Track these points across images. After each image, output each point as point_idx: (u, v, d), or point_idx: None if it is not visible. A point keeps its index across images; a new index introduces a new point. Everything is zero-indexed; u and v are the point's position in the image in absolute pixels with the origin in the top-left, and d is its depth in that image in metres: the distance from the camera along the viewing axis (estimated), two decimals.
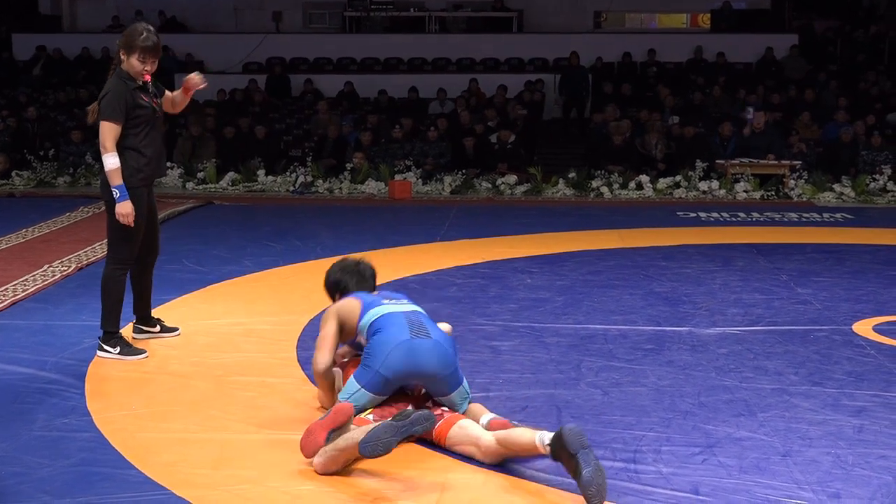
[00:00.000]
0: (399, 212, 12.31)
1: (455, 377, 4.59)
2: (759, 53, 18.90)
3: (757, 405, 5.04)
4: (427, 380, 4.56)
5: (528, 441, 4.08)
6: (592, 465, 3.79)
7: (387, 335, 4.57)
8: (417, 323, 4.64)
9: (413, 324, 4.63)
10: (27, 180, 14.80)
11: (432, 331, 4.63)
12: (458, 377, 4.61)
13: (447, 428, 4.42)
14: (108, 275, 5.91)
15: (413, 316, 4.70)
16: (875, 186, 13.80)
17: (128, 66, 5.76)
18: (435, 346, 4.55)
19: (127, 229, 5.82)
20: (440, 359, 4.53)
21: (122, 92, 5.73)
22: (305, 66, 19.91)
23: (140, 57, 5.73)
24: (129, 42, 5.74)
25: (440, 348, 4.56)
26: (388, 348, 4.51)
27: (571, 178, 14.31)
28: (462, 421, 4.46)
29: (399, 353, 4.50)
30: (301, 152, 15.63)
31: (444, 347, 4.58)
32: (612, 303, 7.31)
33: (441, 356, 4.54)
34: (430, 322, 4.72)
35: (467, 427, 4.40)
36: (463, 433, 4.37)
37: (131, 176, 5.78)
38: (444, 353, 4.55)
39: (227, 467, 4.24)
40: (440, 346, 4.56)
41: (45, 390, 5.26)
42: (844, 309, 7.11)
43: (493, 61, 19.86)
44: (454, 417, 4.49)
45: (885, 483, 4.07)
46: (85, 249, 9.20)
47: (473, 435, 4.34)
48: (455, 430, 4.40)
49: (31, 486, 4.03)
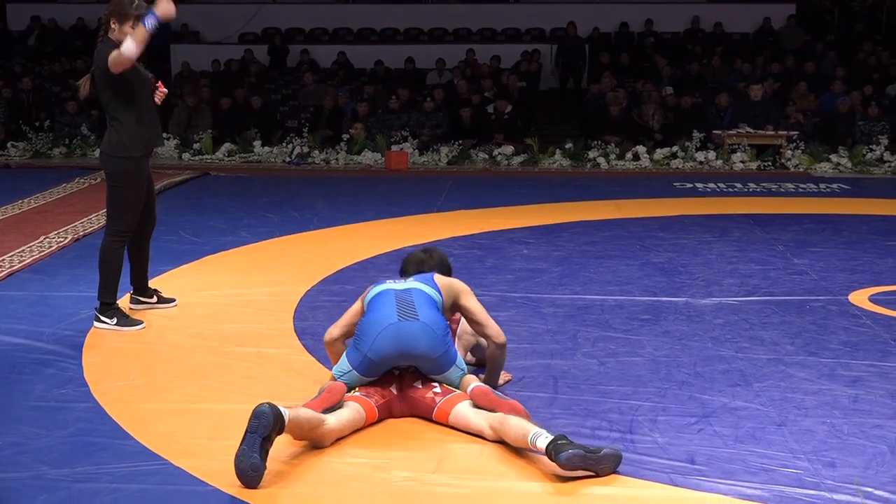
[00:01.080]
0: (395, 183, 12.29)
1: (447, 357, 4.48)
2: (757, 23, 18.83)
3: (753, 375, 5.05)
4: (417, 361, 4.49)
5: (519, 437, 4.02)
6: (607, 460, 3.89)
7: (375, 316, 4.50)
8: (407, 303, 4.52)
9: (402, 304, 4.52)
10: (23, 151, 14.77)
11: (421, 311, 4.49)
12: (451, 356, 4.50)
13: (446, 412, 4.39)
14: (107, 246, 5.90)
15: (405, 295, 4.57)
16: (872, 157, 13.80)
17: (119, 34, 5.68)
18: (422, 329, 4.44)
19: (126, 201, 5.79)
20: (428, 341, 4.43)
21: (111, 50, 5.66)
22: (301, 37, 19.82)
23: (132, 25, 5.64)
24: (121, 10, 5.68)
25: (427, 330, 4.44)
26: (376, 331, 4.44)
27: (568, 148, 14.29)
28: (459, 407, 4.36)
29: (386, 336, 4.43)
30: (297, 123, 15.59)
31: (432, 329, 4.45)
32: (609, 273, 7.32)
33: (429, 338, 4.43)
34: (422, 301, 4.55)
35: (467, 416, 4.33)
36: (464, 423, 4.33)
37: (128, 144, 5.77)
38: (431, 335, 4.44)
39: (224, 437, 4.24)
40: (427, 329, 4.44)
41: (42, 361, 5.27)
42: (840, 279, 7.12)
43: (490, 31, 19.76)
44: (449, 403, 4.40)
45: (879, 452, 4.08)
46: (81, 220, 9.20)
47: (477, 427, 4.27)
48: (453, 419, 4.36)
49: (28, 457, 4.04)
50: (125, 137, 5.76)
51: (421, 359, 4.46)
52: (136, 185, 5.85)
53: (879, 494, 3.70)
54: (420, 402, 4.46)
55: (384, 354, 4.44)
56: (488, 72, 16.99)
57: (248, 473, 3.75)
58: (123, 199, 5.82)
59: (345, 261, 7.61)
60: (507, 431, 4.09)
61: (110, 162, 5.82)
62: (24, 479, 3.83)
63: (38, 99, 16.64)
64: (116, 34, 5.70)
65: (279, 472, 3.91)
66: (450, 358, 4.50)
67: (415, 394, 4.48)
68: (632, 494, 3.73)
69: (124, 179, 5.82)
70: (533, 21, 19.68)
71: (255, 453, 3.76)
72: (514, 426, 4.07)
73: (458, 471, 3.92)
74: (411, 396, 4.48)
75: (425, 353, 4.43)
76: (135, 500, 3.67)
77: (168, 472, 3.92)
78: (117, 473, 3.88)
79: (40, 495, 3.69)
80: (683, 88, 15.91)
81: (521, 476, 3.89)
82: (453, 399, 4.41)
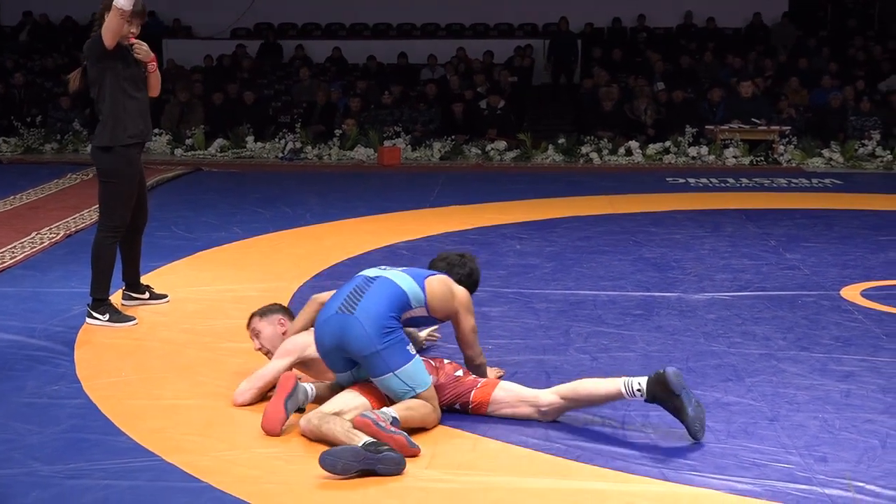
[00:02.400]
0: (388, 178, 12.29)
1: (380, 360, 4.17)
2: (749, 19, 18.84)
3: (745, 370, 5.06)
4: (354, 358, 4.26)
5: (608, 391, 4.24)
6: (693, 402, 4.13)
7: (326, 306, 4.40)
8: (357, 293, 4.30)
9: (353, 294, 4.30)
10: (14, 147, 14.75)
11: (363, 304, 4.23)
12: (386, 361, 4.18)
13: (488, 393, 4.39)
14: (100, 241, 5.89)
15: (365, 284, 4.35)
16: (864, 152, 13.81)
17: None
18: (353, 324, 4.19)
19: (117, 196, 5.78)
20: (357, 337, 4.18)
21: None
22: (294, 32, 19.79)
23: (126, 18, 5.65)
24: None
25: (356, 326, 4.18)
26: (319, 323, 4.36)
27: (561, 143, 14.29)
28: (504, 383, 4.44)
29: (325, 328, 4.29)
30: (290, 118, 15.58)
31: (362, 325, 4.17)
32: (602, 268, 7.32)
33: (357, 334, 4.17)
34: (378, 293, 4.28)
35: (515, 389, 4.40)
36: (512, 395, 4.37)
37: (122, 134, 5.75)
38: (359, 332, 4.17)
39: (217, 433, 4.24)
40: (356, 324, 4.18)
41: (34, 357, 5.26)
42: (832, 274, 7.13)
43: (483, 26, 19.75)
44: (490, 383, 4.44)
45: (871, 447, 4.09)
46: (73, 216, 9.18)
47: (528, 395, 4.36)
48: (500, 394, 4.38)
49: (20, 453, 4.03)
50: (115, 129, 5.74)
51: (355, 356, 4.25)
52: (128, 179, 5.83)
53: (871, 489, 3.71)
54: (459, 385, 4.44)
55: (326, 348, 4.33)
56: (481, 67, 16.98)
57: (335, 468, 3.78)
58: (115, 194, 5.81)
59: (337, 256, 7.60)
60: (589, 391, 4.29)
61: (100, 156, 5.81)
62: (17, 476, 3.82)
63: (29, 94, 16.60)
64: None
65: (273, 469, 3.91)
66: (384, 362, 4.18)
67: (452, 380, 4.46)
68: (624, 489, 3.74)
69: (115, 174, 5.81)
70: (526, 16, 19.66)
71: (357, 467, 3.78)
72: (593, 384, 4.31)
73: (451, 466, 3.92)
74: (449, 384, 4.45)
75: (355, 350, 4.21)
76: (127, 496, 3.67)
77: (160, 468, 3.91)
78: (109, 470, 3.87)
79: (32, 492, 3.68)
80: (675, 83, 15.92)
81: (514, 472, 3.89)
82: (489, 384, 4.43)
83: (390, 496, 3.69)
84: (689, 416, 4.11)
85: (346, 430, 3.99)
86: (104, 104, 5.78)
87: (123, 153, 5.78)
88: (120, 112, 5.76)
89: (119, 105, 5.76)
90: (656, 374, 4.17)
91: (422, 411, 4.22)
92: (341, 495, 3.70)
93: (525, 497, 3.69)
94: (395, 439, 3.93)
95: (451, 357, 4.77)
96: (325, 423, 4.07)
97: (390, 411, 4.09)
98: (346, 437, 3.95)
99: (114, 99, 5.76)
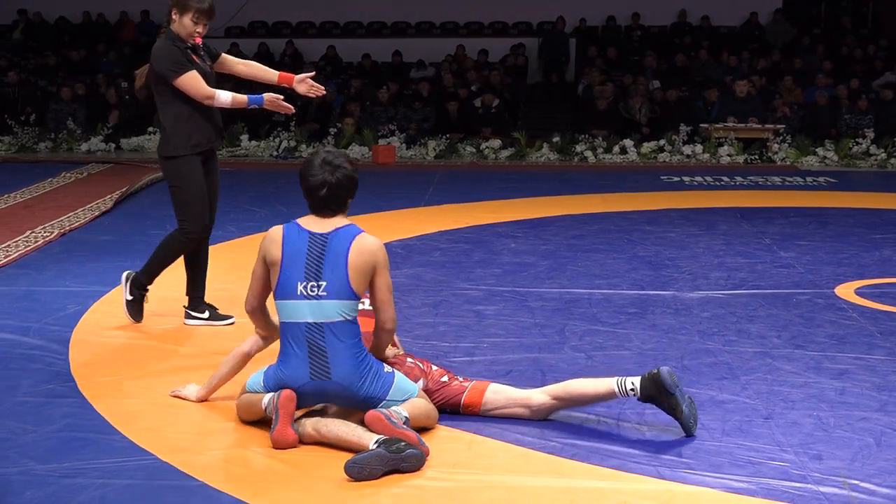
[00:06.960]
0: (383, 177, 12.28)
1: (366, 400, 4.14)
2: (744, 17, 18.86)
3: (740, 368, 5.06)
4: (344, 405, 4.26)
5: (600, 391, 4.26)
6: (686, 400, 4.19)
7: (288, 367, 4.16)
8: (320, 353, 4.12)
9: (315, 355, 4.12)
10: (8, 146, 14.73)
11: (334, 366, 4.10)
12: (374, 398, 4.14)
13: (479, 395, 4.38)
14: (174, 236, 5.80)
15: (317, 337, 4.13)
16: (858, 150, 13.84)
17: (179, 26, 5.55)
18: (335, 388, 4.13)
19: (183, 201, 5.68)
20: (345, 395, 4.15)
21: (174, 51, 5.54)
22: (288, 30, 19.78)
23: (194, 17, 5.53)
24: (183, 2, 5.55)
25: (340, 389, 4.12)
26: (293, 386, 4.13)
27: (556, 142, 14.30)
28: (494, 385, 4.43)
29: (304, 395, 4.16)
30: (284, 117, 15.55)
31: (343, 387, 4.12)
32: (596, 267, 7.33)
33: (345, 393, 4.14)
34: (335, 345, 4.12)
35: (506, 390, 4.40)
36: (503, 397, 4.37)
37: (183, 143, 5.63)
38: (345, 391, 4.13)
39: (212, 432, 4.24)
40: (337, 387, 4.12)
41: (28, 356, 5.25)
42: (827, 272, 7.14)
43: (477, 25, 19.75)
44: (481, 384, 4.43)
45: (866, 444, 4.10)
46: (67, 215, 9.16)
47: (520, 397, 4.36)
48: (491, 396, 4.38)
49: (15, 452, 4.02)
50: (175, 134, 5.64)
51: (343, 405, 4.24)
52: (191, 183, 5.67)
53: (865, 487, 3.71)
54: (447, 389, 4.43)
55: (306, 404, 4.26)
56: (474, 66, 16.98)
57: (362, 474, 3.75)
58: (181, 200, 5.71)
59: None
60: (580, 391, 4.30)
61: (163, 164, 5.75)
62: (11, 475, 3.81)
63: (23, 93, 16.57)
64: (177, 25, 5.57)
65: (268, 468, 3.91)
66: (373, 397, 4.15)
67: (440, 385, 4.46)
68: (619, 487, 3.74)
69: (177, 180, 5.70)
70: (520, 15, 19.66)
71: (382, 470, 3.77)
72: (584, 383, 4.33)
73: (447, 465, 3.92)
74: (438, 390, 4.44)
75: (343, 404, 4.22)
76: (122, 495, 3.66)
77: (155, 467, 3.91)
78: (104, 469, 3.87)
79: (27, 490, 3.68)
80: (670, 82, 15.93)
81: (509, 470, 3.89)
82: (479, 386, 4.42)
83: (386, 495, 3.68)
84: (683, 413, 4.15)
85: (350, 429, 3.99)
86: (160, 109, 5.68)
87: (187, 161, 5.67)
88: (173, 120, 5.64)
89: (182, 114, 5.62)
90: (650, 374, 4.19)
91: (425, 408, 4.24)
92: (337, 493, 3.69)
93: (521, 496, 3.69)
94: (408, 435, 3.94)
95: (428, 358, 4.79)
96: (324, 426, 4.06)
97: (402, 410, 4.10)
98: (354, 436, 3.96)
99: (168, 106, 5.63)
